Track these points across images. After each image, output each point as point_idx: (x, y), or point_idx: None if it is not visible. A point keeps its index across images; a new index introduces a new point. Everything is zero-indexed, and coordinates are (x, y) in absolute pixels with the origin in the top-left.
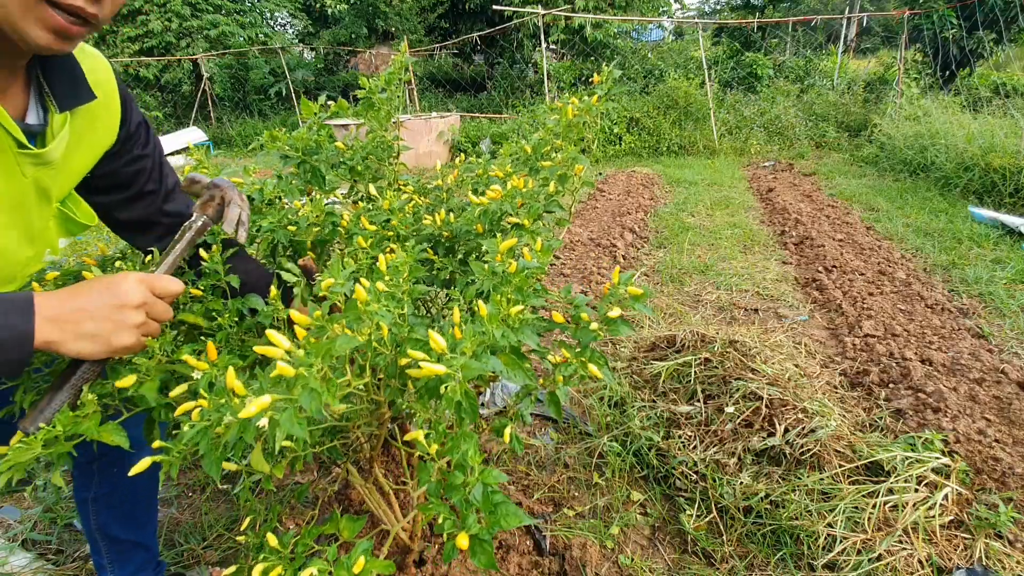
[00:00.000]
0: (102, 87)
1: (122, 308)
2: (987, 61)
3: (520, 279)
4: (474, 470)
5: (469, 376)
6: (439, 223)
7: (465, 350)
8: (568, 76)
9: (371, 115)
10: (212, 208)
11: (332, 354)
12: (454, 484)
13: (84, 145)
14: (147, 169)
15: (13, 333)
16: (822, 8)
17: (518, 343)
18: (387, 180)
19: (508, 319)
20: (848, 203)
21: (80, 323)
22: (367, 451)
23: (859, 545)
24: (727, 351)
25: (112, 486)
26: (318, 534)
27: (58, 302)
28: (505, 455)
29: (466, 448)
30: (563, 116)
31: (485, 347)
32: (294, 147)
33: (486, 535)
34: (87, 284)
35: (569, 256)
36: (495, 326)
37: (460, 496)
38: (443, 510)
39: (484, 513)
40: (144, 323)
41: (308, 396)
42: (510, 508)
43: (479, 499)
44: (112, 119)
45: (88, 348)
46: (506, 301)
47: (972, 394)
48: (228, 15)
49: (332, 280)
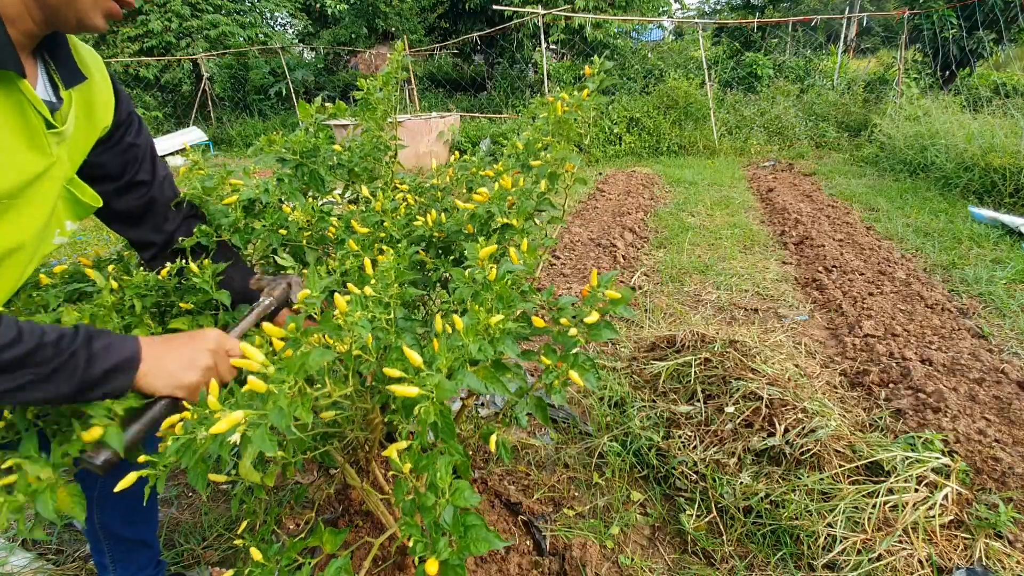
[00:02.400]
0: (96, 72)
1: (200, 351)
2: (987, 61)
3: (501, 286)
4: (444, 491)
5: (443, 397)
6: (431, 224)
7: (440, 367)
8: (568, 76)
9: (368, 115)
10: (279, 290)
11: (306, 369)
12: (426, 505)
13: (85, 124)
14: (138, 158)
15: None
16: (822, 8)
17: (499, 354)
18: (383, 180)
19: (489, 329)
20: (848, 203)
21: (164, 361)
22: (364, 452)
23: (859, 545)
24: (727, 351)
25: (114, 486)
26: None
27: (154, 344)
28: (505, 455)
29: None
30: (551, 112)
31: (462, 361)
32: (291, 150)
33: (456, 560)
34: (180, 336)
35: (569, 256)
36: (471, 339)
37: (431, 519)
38: (415, 532)
39: (455, 536)
40: (211, 368)
41: (277, 414)
42: (481, 532)
43: (449, 523)
44: (108, 100)
45: (159, 382)
46: (485, 311)
47: (972, 394)
48: (228, 15)
49: (307, 292)
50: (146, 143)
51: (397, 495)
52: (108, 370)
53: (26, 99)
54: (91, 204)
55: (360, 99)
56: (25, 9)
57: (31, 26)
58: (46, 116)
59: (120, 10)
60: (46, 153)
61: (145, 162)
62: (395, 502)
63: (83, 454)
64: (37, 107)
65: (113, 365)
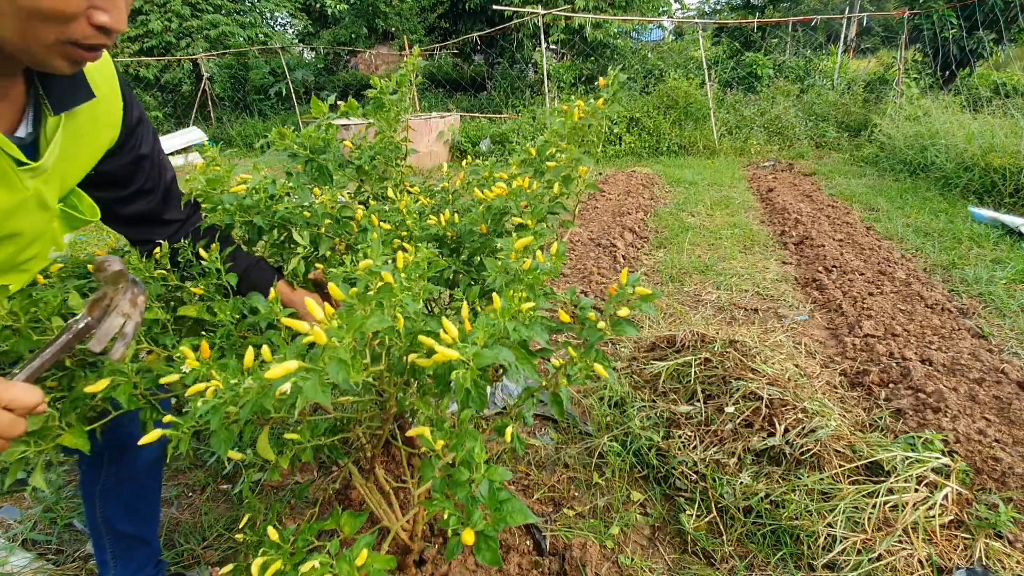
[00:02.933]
0: (105, 86)
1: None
2: (987, 61)
3: (533, 277)
4: (480, 467)
5: (481, 364)
6: (444, 223)
7: (477, 340)
8: (568, 76)
9: (380, 116)
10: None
11: (364, 330)
12: (459, 480)
13: (85, 143)
14: (146, 168)
15: None
16: (822, 8)
17: (528, 338)
18: (393, 181)
19: (519, 315)
20: (848, 203)
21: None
22: (368, 450)
23: (859, 545)
24: (727, 351)
25: (119, 479)
26: (318, 530)
27: None
28: (505, 455)
29: (471, 445)
30: (568, 118)
31: (496, 339)
32: (303, 145)
33: (491, 531)
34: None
35: (569, 256)
36: (507, 319)
37: (465, 493)
38: (448, 506)
39: (490, 510)
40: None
41: (336, 366)
42: (515, 505)
43: (485, 496)
44: (115, 117)
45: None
46: (518, 298)
47: (972, 394)
48: (228, 15)
49: (370, 261)
50: (154, 152)
51: (425, 473)
52: None
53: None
54: (88, 218)
55: (373, 98)
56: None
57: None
58: (14, 155)
59: (88, 54)
60: (16, 188)
61: (152, 171)
62: (423, 479)
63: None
64: (5, 148)
65: None
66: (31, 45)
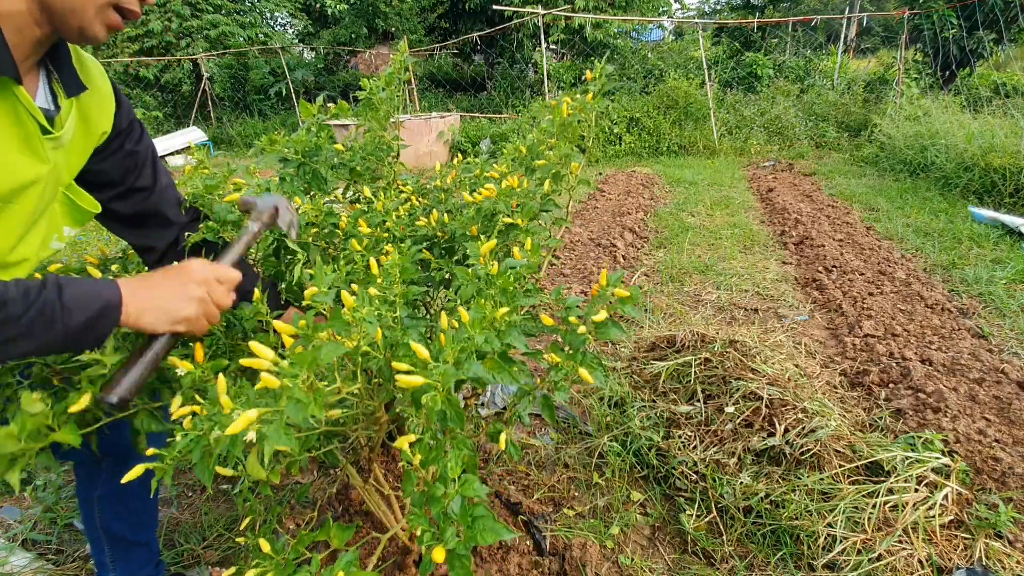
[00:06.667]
0: (97, 80)
1: (185, 283)
2: (987, 61)
3: (504, 280)
4: (453, 482)
5: (448, 383)
6: (434, 223)
7: (447, 358)
8: (568, 76)
9: (370, 115)
10: (267, 215)
11: (317, 363)
12: (435, 496)
13: (90, 130)
14: (138, 165)
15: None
16: (822, 8)
17: (506, 347)
18: (386, 180)
19: (495, 323)
20: (848, 203)
21: (151, 299)
22: (366, 452)
23: (859, 545)
24: (727, 351)
25: (116, 485)
26: (311, 541)
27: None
28: (505, 455)
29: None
30: (557, 115)
31: (469, 353)
32: (294, 150)
33: (463, 550)
34: (161, 271)
35: (569, 256)
36: (478, 331)
37: (439, 508)
38: (423, 523)
39: (463, 527)
40: (204, 299)
41: (294, 407)
42: (488, 523)
43: (457, 512)
44: (108, 109)
45: (155, 320)
46: (491, 304)
47: (972, 394)
48: (228, 15)
49: (316, 289)
50: (147, 150)
51: (406, 487)
52: (90, 318)
53: (21, 105)
54: (90, 210)
55: (363, 99)
56: (32, 18)
57: (37, 34)
58: (41, 122)
59: (121, 21)
60: (41, 158)
61: (146, 168)
62: (404, 494)
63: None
64: (32, 112)
65: (94, 313)
66: (87, 7)
